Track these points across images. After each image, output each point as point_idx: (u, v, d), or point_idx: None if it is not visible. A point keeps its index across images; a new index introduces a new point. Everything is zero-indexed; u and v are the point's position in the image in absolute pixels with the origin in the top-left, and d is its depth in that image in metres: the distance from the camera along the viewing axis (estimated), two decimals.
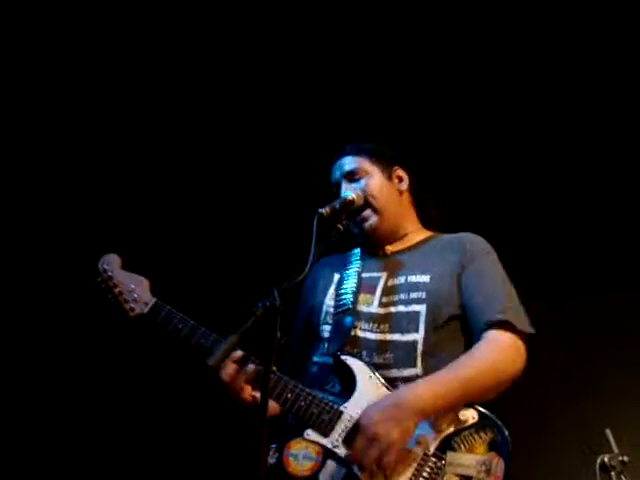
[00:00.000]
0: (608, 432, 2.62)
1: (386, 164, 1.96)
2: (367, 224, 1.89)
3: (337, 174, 1.94)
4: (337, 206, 1.77)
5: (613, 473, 2.51)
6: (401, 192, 1.96)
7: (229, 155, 3.34)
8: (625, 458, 2.54)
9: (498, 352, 1.69)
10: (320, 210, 1.71)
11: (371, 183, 1.90)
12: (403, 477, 1.56)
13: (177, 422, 3.09)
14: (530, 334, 1.74)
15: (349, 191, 1.86)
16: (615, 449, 2.57)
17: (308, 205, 1.77)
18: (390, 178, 1.95)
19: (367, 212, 1.88)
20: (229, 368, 1.64)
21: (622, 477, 2.51)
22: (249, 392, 1.66)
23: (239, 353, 1.64)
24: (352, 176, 1.92)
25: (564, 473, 2.99)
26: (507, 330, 1.71)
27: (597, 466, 2.54)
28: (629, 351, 3.13)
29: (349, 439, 1.59)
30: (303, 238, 1.65)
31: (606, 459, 2.55)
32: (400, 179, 1.97)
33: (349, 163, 1.94)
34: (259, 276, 1.75)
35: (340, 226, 1.75)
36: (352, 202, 1.83)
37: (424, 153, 2.81)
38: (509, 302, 1.76)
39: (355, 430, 1.57)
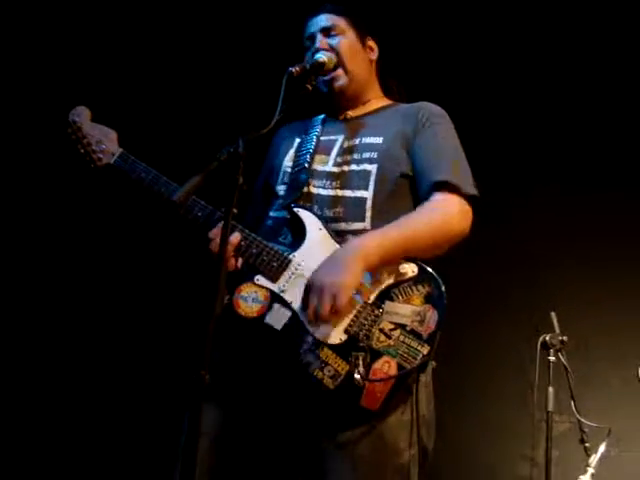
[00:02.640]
0: (553, 315, 2.79)
1: (362, 31, 1.99)
2: (337, 84, 1.93)
3: (313, 28, 1.97)
4: (307, 66, 1.81)
5: (552, 350, 2.70)
6: (371, 61, 2.01)
7: (207, 8, 3.30)
8: (564, 338, 2.72)
9: (442, 211, 1.76)
10: (290, 69, 1.75)
11: (346, 43, 1.93)
12: (342, 322, 1.65)
13: None
14: (474, 197, 1.81)
15: (320, 53, 1.88)
16: (557, 330, 2.75)
17: (280, 63, 1.80)
18: (364, 45, 1.99)
19: (339, 71, 1.92)
20: (216, 228, 1.71)
21: (559, 354, 2.71)
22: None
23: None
24: (328, 32, 1.94)
25: (508, 350, 3.18)
26: (452, 192, 1.78)
27: (539, 344, 2.73)
28: (575, 238, 3.28)
29: (294, 286, 1.69)
30: (272, 95, 1.68)
31: (547, 338, 2.73)
32: (371, 49, 2.02)
33: (327, 19, 1.96)
34: (228, 131, 1.76)
35: (309, 86, 1.79)
36: (323, 64, 1.86)
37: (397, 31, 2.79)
38: (455, 165, 1.83)
39: (305, 285, 1.66)
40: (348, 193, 1.78)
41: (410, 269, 1.69)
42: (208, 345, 1.34)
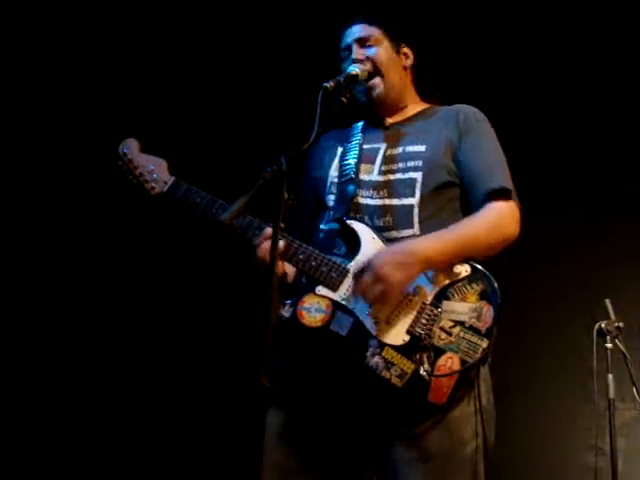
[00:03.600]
0: (607, 302, 2.79)
1: (396, 39, 2.04)
2: (375, 92, 1.98)
3: (349, 39, 2.02)
4: (341, 80, 1.86)
5: (609, 337, 2.70)
6: (405, 68, 2.05)
7: (241, 32, 3.43)
8: (620, 324, 2.71)
9: (495, 217, 1.82)
10: (325, 84, 1.80)
11: (381, 52, 1.99)
12: (403, 322, 1.72)
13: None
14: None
15: (353, 66, 1.93)
16: (612, 316, 2.74)
17: (316, 80, 1.85)
18: (398, 53, 2.04)
19: (376, 80, 1.97)
20: (265, 244, 1.77)
21: (616, 340, 2.70)
22: (280, 267, 1.79)
23: (269, 230, 1.77)
24: (364, 42, 2.00)
25: (568, 340, 3.17)
26: (504, 198, 1.84)
27: (595, 331, 2.72)
28: (628, 228, 3.25)
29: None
30: (310, 111, 1.75)
31: (603, 325, 2.73)
32: (406, 55, 2.06)
33: (362, 30, 2.01)
34: (270, 151, 1.85)
35: (344, 99, 1.83)
36: (356, 76, 1.91)
37: (430, 35, 2.84)
38: (504, 170, 1.89)
39: (365, 270, 1.72)
40: (395, 201, 1.84)
41: (464, 269, 1.75)
42: (267, 353, 1.42)
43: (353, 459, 1.80)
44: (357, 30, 2.01)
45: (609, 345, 2.68)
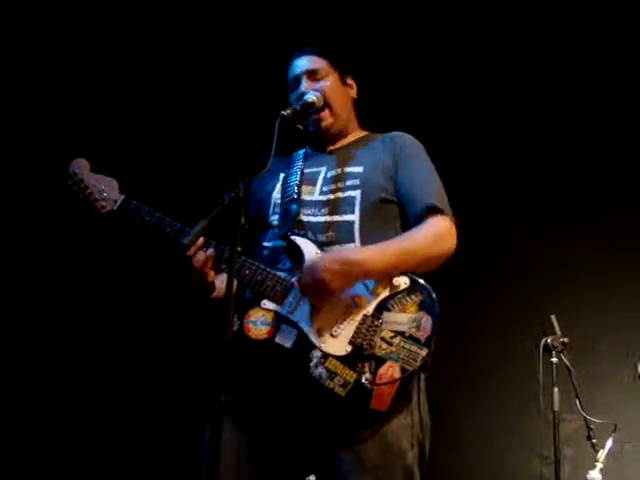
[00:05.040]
0: (553, 317, 2.92)
1: (343, 70, 2.14)
2: (323, 123, 2.07)
3: (297, 70, 2.09)
4: (298, 108, 1.95)
5: (554, 352, 2.83)
6: (351, 98, 2.15)
7: (196, 59, 3.53)
8: (565, 339, 2.85)
9: (433, 231, 1.91)
10: (282, 112, 1.89)
11: (330, 86, 2.08)
12: (346, 333, 1.80)
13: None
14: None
15: (309, 93, 2.02)
16: (558, 332, 2.87)
17: (270, 108, 1.95)
18: (345, 84, 2.14)
19: (325, 113, 2.06)
20: (199, 255, 1.83)
21: (561, 355, 2.83)
22: (212, 275, 1.88)
23: (201, 240, 1.83)
24: (313, 75, 2.08)
25: (518, 353, 3.29)
26: (440, 214, 1.94)
27: (541, 346, 2.85)
28: (572, 243, 3.40)
29: (299, 306, 1.84)
30: (265, 137, 1.84)
31: (549, 340, 2.86)
32: (351, 86, 2.17)
33: (311, 62, 2.09)
34: (226, 174, 1.93)
35: (300, 126, 1.93)
36: (312, 104, 2.00)
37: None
38: (439, 190, 1.99)
39: (307, 269, 1.82)
40: (337, 218, 1.93)
41: (403, 281, 1.84)
42: (222, 368, 1.49)
43: (298, 466, 1.87)
44: (306, 62, 2.08)
45: (554, 360, 2.82)
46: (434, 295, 1.82)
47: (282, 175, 2.09)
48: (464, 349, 3.24)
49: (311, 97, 2.01)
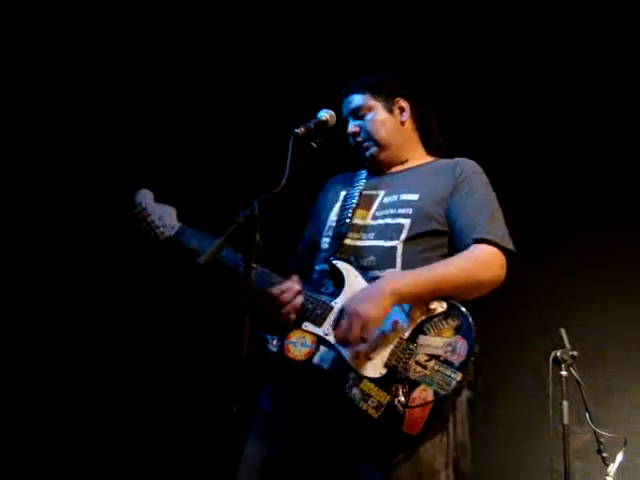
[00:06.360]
0: (562, 331, 2.93)
1: (388, 97, 2.16)
2: (368, 153, 2.13)
3: (344, 112, 2.17)
4: (311, 126, 1.98)
5: (563, 365, 2.84)
6: (402, 122, 2.17)
7: (220, 80, 3.61)
8: (575, 353, 2.86)
9: (475, 259, 1.92)
10: (296, 130, 1.93)
11: (373, 120, 2.12)
12: (382, 356, 1.84)
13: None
14: (510, 251, 1.97)
15: (323, 111, 2.05)
16: (567, 345, 2.89)
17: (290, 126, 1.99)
18: (392, 111, 2.16)
19: (368, 143, 2.12)
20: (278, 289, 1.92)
21: (571, 369, 2.85)
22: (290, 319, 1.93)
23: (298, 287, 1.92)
24: (356, 113, 2.14)
25: (529, 368, 3.31)
26: (489, 244, 1.94)
27: (550, 359, 2.87)
28: (582, 255, 3.42)
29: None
30: (282, 157, 1.88)
31: (559, 353, 2.87)
32: (402, 109, 2.18)
33: (353, 101, 2.16)
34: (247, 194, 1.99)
35: (313, 144, 1.96)
36: (325, 122, 2.03)
37: (428, 80, 2.95)
38: (493, 221, 1.98)
39: (341, 316, 1.85)
40: (381, 243, 1.97)
41: (440, 305, 1.87)
42: (238, 382, 1.55)
43: None
44: (350, 101, 2.16)
45: (564, 373, 2.83)
46: (471, 320, 1.84)
47: (343, 194, 2.13)
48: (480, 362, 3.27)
49: (324, 115, 2.05)
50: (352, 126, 2.12)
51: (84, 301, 3.47)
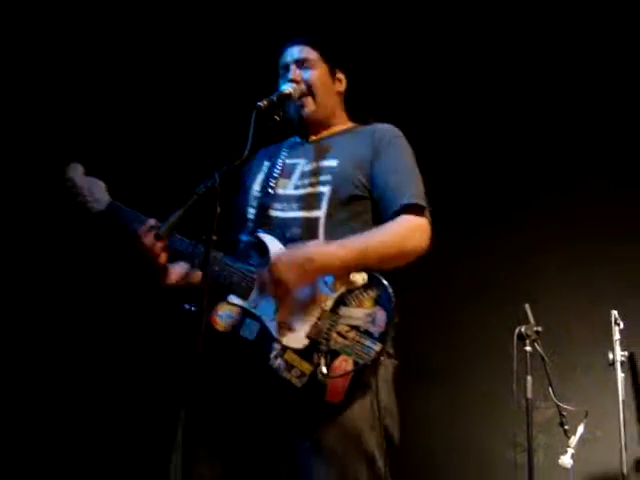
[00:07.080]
0: (527, 307, 2.96)
1: (332, 64, 2.17)
2: (305, 110, 2.10)
3: (288, 58, 2.13)
4: (274, 99, 1.97)
5: (528, 341, 2.88)
6: (338, 93, 2.19)
7: (175, 52, 3.55)
8: (539, 328, 2.90)
9: (402, 229, 1.92)
10: (258, 103, 1.91)
11: (317, 76, 2.11)
12: (304, 327, 1.85)
13: None
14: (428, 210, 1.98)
15: (287, 84, 2.05)
16: (532, 321, 2.92)
17: (252, 97, 1.97)
18: (333, 78, 2.17)
19: (308, 100, 2.09)
20: (148, 237, 1.91)
21: (535, 344, 2.88)
22: (163, 259, 1.95)
23: (152, 221, 1.92)
24: (302, 64, 2.11)
25: (495, 342, 3.33)
26: (415, 213, 1.95)
27: (515, 335, 2.90)
28: (546, 232, 3.46)
29: (262, 301, 1.89)
30: (245, 127, 1.86)
31: (523, 329, 2.90)
32: (340, 81, 2.19)
33: (302, 52, 2.13)
34: (204, 163, 1.96)
35: (276, 117, 1.95)
36: (289, 95, 2.02)
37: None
38: (417, 185, 2.00)
39: (267, 268, 1.85)
40: (304, 214, 1.96)
41: (361, 277, 1.87)
42: (196, 357, 1.54)
43: (261, 454, 1.90)
44: (297, 51, 2.13)
45: (528, 348, 2.87)
46: (390, 290, 1.84)
47: (267, 165, 2.12)
48: (439, 338, 3.29)
49: (288, 88, 2.03)
50: (297, 72, 2.09)
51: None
